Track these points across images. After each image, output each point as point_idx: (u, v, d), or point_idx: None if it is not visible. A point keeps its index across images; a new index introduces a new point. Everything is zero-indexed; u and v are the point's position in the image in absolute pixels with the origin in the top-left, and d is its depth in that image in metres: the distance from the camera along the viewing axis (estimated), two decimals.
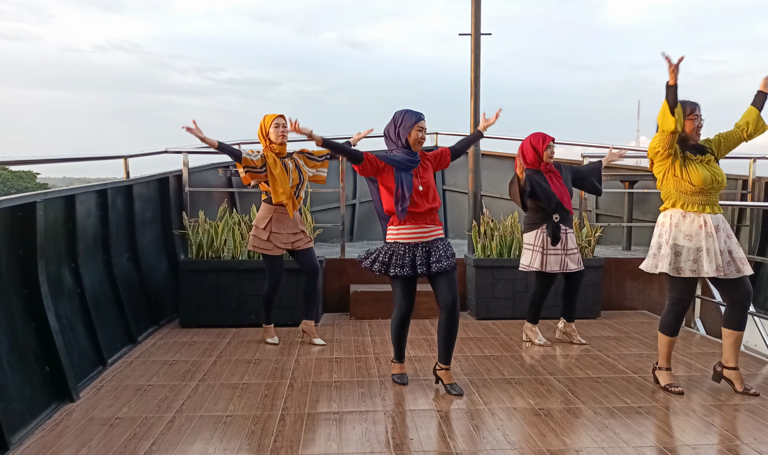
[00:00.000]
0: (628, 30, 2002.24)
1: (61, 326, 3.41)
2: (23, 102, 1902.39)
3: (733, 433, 2.92)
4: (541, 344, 4.54)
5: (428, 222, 3.46)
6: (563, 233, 4.39)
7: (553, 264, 4.39)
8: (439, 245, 3.44)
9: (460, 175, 8.90)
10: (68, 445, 2.75)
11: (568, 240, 4.41)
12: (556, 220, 4.36)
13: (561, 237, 4.37)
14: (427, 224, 3.45)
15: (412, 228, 3.42)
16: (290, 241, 4.37)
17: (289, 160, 4.39)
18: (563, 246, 4.39)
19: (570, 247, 4.41)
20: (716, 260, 3.29)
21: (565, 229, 4.41)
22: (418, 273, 3.39)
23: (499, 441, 2.80)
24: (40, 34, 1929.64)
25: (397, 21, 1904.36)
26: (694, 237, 3.32)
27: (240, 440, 2.81)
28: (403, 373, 3.66)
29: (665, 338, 3.52)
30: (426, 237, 3.44)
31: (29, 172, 44.93)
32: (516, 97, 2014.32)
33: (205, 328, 4.88)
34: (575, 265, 4.41)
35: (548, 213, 4.35)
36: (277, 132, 4.29)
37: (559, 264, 4.39)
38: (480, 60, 5.71)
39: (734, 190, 6.87)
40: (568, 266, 4.39)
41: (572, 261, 4.40)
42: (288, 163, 4.37)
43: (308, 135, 3.43)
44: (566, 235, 4.41)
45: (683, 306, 3.46)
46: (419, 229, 3.43)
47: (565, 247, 4.39)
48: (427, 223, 3.45)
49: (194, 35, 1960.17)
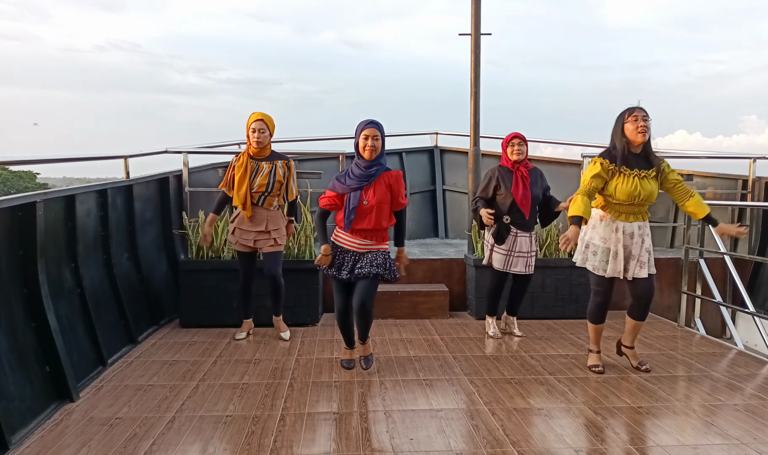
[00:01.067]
0: (628, 30, 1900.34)
1: (61, 326, 3.41)
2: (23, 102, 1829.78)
3: (733, 433, 2.92)
4: (491, 335, 4.67)
5: (366, 237, 3.59)
6: (513, 235, 4.43)
7: (497, 261, 4.49)
8: (371, 255, 3.59)
9: (460, 175, 8.90)
10: (68, 445, 2.75)
11: (517, 242, 4.44)
12: (507, 221, 4.43)
13: (510, 238, 4.43)
14: (365, 239, 3.59)
15: (349, 237, 3.61)
16: (252, 239, 4.38)
17: (266, 163, 4.35)
18: (511, 248, 4.44)
19: (520, 250, 4.45)
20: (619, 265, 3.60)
21: (516, 232, 4.43)
22: (343, 278, 3.61)
23: (499, 441, 2.80)
24: (40, 34, 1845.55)
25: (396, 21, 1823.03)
26: (607, 240, 3.63)
27: (240, 440, 2.81)
28: (351, 359, 3.93)
29: (591, 325, 3.90)
30: (360, 249, 3.61)
31: (29, 172, 44.94)
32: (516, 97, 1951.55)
33: (205, 328, 4.87)
34: (522, 269, 4.46)
35: (501, 212, 4.42)
36: (253, 137, 4.29)
37: (503, 264, 4.47)
38: (480, 60, 5.71)
39: (734, 190, 6.87)
40: (512, 268, 4.47)
41: (519, 264, 4.45)
42: (264, 165, 4.34)
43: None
44: (516, 238, 4.44)
45: (602, 297, 3.75)
46: (355, 240, 3.60)
47: (513, 249, 4.45)
48: (365, 237, 3.59)
49: (194, 35, 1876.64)
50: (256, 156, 4.35)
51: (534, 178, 4.48)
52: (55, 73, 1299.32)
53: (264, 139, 4.30)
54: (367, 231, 3.57)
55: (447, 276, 5.85)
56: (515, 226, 4.44)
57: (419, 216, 9.02)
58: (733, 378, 3.77)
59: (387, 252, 3.65)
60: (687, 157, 7.43)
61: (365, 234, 3.58)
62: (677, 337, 4.81)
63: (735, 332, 4.85)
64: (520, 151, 4.40)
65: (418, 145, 9.28)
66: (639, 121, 3.49)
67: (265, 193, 4.36)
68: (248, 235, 4.39)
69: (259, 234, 4.39)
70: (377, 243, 3.62)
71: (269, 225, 4.40)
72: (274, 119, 4.42)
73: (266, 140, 4.33)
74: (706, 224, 3.76)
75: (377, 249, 3.61)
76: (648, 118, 3.53)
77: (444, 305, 5.43)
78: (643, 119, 3.50)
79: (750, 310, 4.83)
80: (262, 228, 4.38)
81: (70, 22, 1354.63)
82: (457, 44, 6.15)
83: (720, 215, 6.77)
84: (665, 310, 5.84)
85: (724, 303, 5.26)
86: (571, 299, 5.33)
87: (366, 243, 3.60)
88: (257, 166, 4.33)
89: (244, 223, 4.40)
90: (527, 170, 4.45)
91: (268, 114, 4.40)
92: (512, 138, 4.43)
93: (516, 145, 4.40)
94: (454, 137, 9.19)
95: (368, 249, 3.60)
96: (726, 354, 4.35)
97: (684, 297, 5.19)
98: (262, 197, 4.37)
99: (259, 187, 4.33)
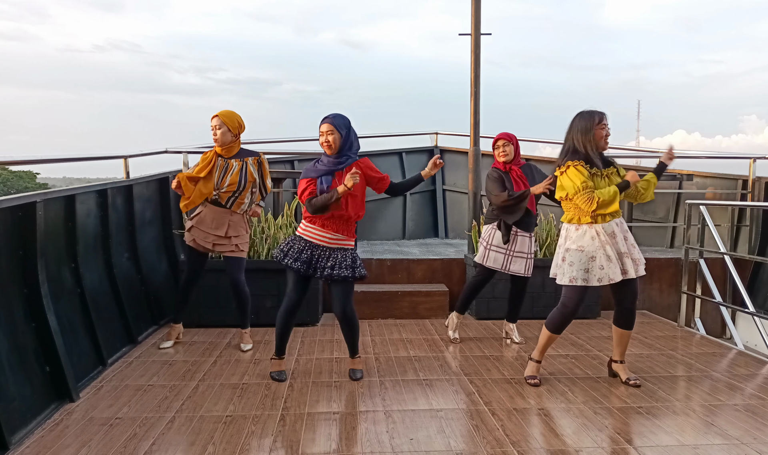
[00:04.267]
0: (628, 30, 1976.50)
1: (61, 326, 3.41)
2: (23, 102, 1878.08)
3: (733, 433, 2.92)
4: (451, 338, 4.61)
5: (338, 230, 3.51)
6: (513, 234, 4.38)
7: (493, 261, 4.41)
8: (339, 254, 3.50)
9: (460, 175, 8.90)
10: (68, 445, 2.75)
11: (518, 242, 4.39)
12: (509, 221, 4.39)
13: (510, 237, 4.38)
14: (336, 232, 3.51)
15: (320, 230, 3.51)
16: (211, 242, 4.22)
17: (235, 160, 4.18)
18: (511, 247, 4.39)
19: (519, 250, 4.39)
20: (615, 266, 3.37)
21: (516, 231, 4.39)
22: (311, 274, 3.50)
23: (499, 441, 2.80)
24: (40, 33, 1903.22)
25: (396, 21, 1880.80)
26: (585, 248, 3.42)
27: (240, 440, 2.81)
28: (282, 370, 3.70)
29: (547, 332, 3.62)
30: (330, 243, 3.52)
31: (29, 172, 44.95)
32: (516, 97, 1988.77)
33: (205, 328, 4.88)
34: (520, 269, 4.40)
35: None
36: (212, 134, 4.13)
37: (501, 264, 4.40)
38: (480, 60, 5.71)
39: (734, 190, 6.87)
40: (511, 268, 4.39)
41: (517, 265, 4.38)
42: (233, 163, 4.17)
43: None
44: (516, 237, 4.39)
45: (572, 308, 3.49)
46: (326, 234, 3.51)
47: (513, 249, 4.39)
48: (337, 230, 3.51)
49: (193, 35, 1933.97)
50: (224, 154, 4.16)
51: (529, 174, 4.42)
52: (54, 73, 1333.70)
53: (223, 136, 4.09)
54: (340, 221, 3.48)
55: (447, 276, 5.86)
56: (517, 224, 4.40)
57: (419, 216, 9.02)
58: (733, 378, 3.77)
59: (354, 250, 3.59)
60: (687, 157, 7.42)
61: (337, 226, 3.49)
62: (677, 337, 4.82)
63: (735, 332, 4.85)
64: (506, 152, 4.33)
65: (418, 145, 9.28)
66: (606, 129, 3.47)
67: (237, 193, 4.18)
68: (207, 237, 4.21)
69: (218, 238, 4.22)
70: (347, 239, 3.54)
71: (230, 231, 4.22)
72: (240, 116, 4.20)
73: (227, 138, 4.11)
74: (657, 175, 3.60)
75: (345, 247, 3.54)
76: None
77: (444, 305, 5.43)
78: (608, 129, 3.48)
79: (750, 310, 4.83)
80: (221, 233, 4.20)
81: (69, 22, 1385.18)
82: (457, 44, 6.20)
83: (720, 215, 6.78)
84: (665, 310, 5.84)
85: (724, 303, 5.27)
86: None
87: (336, 237, 3.51)
88: (226, 164, 4.15)
89: (203, 224, 4.21)
90: (519, 168, 4.40)
91: (233, 111, 4.18)
92: (496, 140, 4.37)
93: (501, 146, 4.34)
94: (454, 137, 9.20)
95: (337, 245, 3.51)
96: (726, 354, 4.35)
97: (684, 297, 5.19)
98: (232, 198, 4.19)
99: (230, 186, 4.14)
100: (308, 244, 3.52)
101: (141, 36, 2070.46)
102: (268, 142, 7.36)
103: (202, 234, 4.22)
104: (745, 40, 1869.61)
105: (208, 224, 4.20)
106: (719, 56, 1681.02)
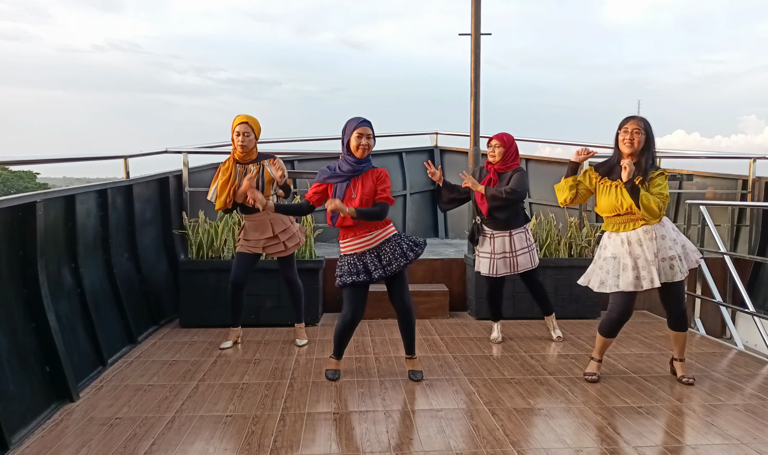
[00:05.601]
0: (628, 30, 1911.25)
1: (61, 326, 3.41)
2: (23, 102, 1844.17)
3: (733, 433, 2.92)
4: (491, 339, 4.62)
5: (370, 229, 3.51)
6: (489, 237, 4.39)
7: (483, 266, 4.45)
8: (387, 247, 3.52)
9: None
10: (68, 445, 2.75)
11: (495, 243, 4.39)
12: (477, 222, 4.44)
13: (487, 240, 4.40)
14: (369, 231, 3.51)
15: (354, 239, 3.52)
16: (261, 246, 4.27)
17: (253, 166, 4.18)
18: (491, 250, 4.40)
19: (502, 251, 4.38)
20: (629, 276, 3.44)
21: (492, 233, 4.39)
22: (374, 278, 3.50)
23: (499, 441, 2.80)
24: (39, 34, 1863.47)
25: (396, 21, 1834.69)
26: (616, 254, 3.54)
27: (240, 440, 2.81)
28: (337, 370, 3.76)
29: (599, 335, 3.71)
30: (372, 243, 3.53)
31: (29, 172, 44.96)
32: (516, 96, 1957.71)
33: (205, 328, 4.87)
34: (505, 270, 4.38)
35: (474, 213, 4.47)
36: (237, 140, 4.11)
37: (488, 268, 4.42)
38: (480, 60, 5.71)
39: (734, 190, 6.87)
40: (498, 271, 4.39)
41: (500, 266, 4.38)
42: (251, 168, 4.17)
43: (263, 207, 3.55)
44: (492, 239, 4.39)
45: (617, 313, 3.55)
46: (363, 238, 3.51)
47: (493, 251, 4.40)
48: (369, 230, 3.51)
49: (193, 35, 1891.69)
50: (243, 160, 4.16)
51: (504, 180, 4.32)
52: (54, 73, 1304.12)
53: (249, 142, 4.11)
54: (361, 225, 3.49)
55: (447, 276, 5.85)
56: (486, 224, 4.41)
57: (419, 216, 9.02)
58: (733, 378, 3.77)
59: (397, 235, 3.59)
60: (687, 157, 7.43)
61: (367, 226, 3.49)
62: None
63: (735, 332, 4.85)
64: (494, 154, 4.32)
65: (418, 145, 9.27)
66: (627, 133, 3.48)
67: None
68: (257, 243, 4.26)
69: (268, 240, 4.26)
70: (384, 229, 3.54)
71: (275, 228, 4.26)
72: (259, 121, 4.21)
73: (252, 144, 4.14)
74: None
75: (388, 236, 3.54)
76: (639, 130, 3.45)
77: (444, 305, 5.43)
78: (632, 132, 3.47)
79: (750, 310, 4.83)
80: (269, 235, 4.24)
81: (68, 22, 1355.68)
82: (457, 44, 6.16)
83: (720, 215, 6.78)
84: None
85: (724, 303, 5.26)
86: (572, 299, 5.33)
87: (373, 235, 3.50)
88: (244, 170, 4.15)
89: (249, 234, 4.27)
90: (499, 172, 4.34)
91: (254, 116, 4.19)
92: (491, 139, 4.37)
93: (492, 146, 4.34)
94: (454, 137, 9.19)
95: (380, 240, 3.51)
96: (726, 354, 4.35)
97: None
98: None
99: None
100: (356, 256, 3.52)
101: (140, 36, 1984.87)
102: (268, 142, 7.35)
103: (253, 242, 4.28)
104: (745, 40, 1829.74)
105: (253, 233, 4.27)
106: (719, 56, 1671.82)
